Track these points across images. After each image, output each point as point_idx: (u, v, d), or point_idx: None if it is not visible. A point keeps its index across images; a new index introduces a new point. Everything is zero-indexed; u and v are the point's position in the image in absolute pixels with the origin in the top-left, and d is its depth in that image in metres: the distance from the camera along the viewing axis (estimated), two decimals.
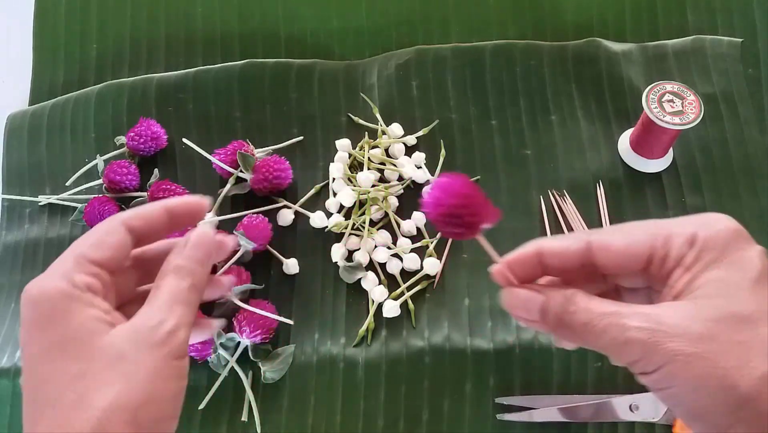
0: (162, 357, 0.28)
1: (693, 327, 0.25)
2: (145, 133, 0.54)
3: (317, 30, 0.61)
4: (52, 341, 0.27)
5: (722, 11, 0.59)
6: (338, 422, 0.47)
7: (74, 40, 0.63)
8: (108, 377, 0.27)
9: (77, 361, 0.27)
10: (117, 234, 0.30)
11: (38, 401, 0.27)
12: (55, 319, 0.27)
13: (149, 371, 0.27)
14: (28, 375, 0.27)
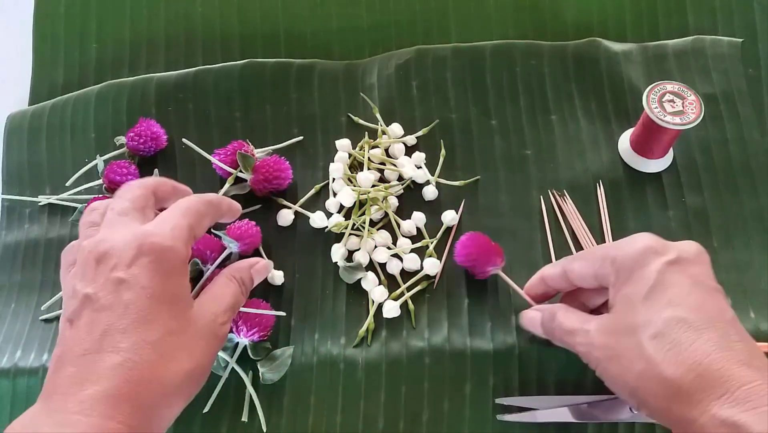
0: (217, 345, 0.37)
1: (605, 339, 0.36)
2: (144, 133, 0.54)
3: (317, 30, 0.61)
4: (166, 291, 0.34)
5: (722, 11, 0.59)
6: (338, 422, 0.47)
7: (74, 40, 0.63)
8: (194, 346, 0.35)
9: (175, 319, 0.34)
10: (209, 218, 0.40)
11: (140, 333, 0.32)
12: (173, 275, 0.35)
13: (210, 355, 0.37)
14: (136, 306, 0.33)
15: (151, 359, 0.32)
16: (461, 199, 0.53)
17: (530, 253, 0.51)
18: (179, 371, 0.33)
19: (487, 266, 0.48)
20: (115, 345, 0.31)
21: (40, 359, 0.50)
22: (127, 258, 0.33)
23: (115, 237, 0.35)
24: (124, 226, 0.36)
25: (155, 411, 0.32)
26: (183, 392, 0.34)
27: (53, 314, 0.52)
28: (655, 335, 0.33)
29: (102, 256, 0.34)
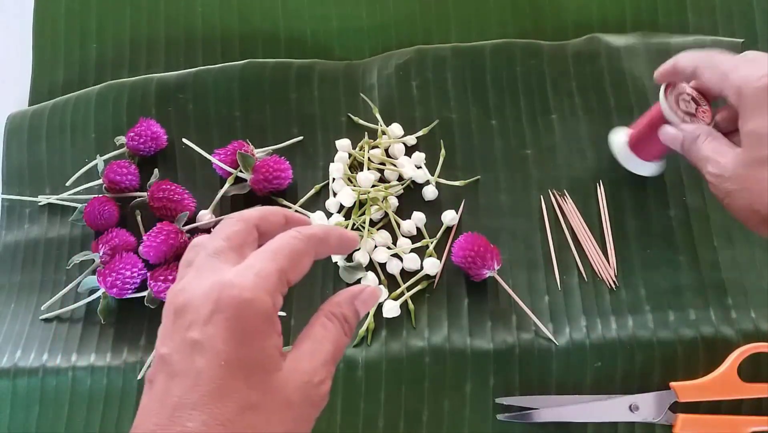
0: (314, 414, 0.29)
1: (737, 171, 0.39)
2: (144, 133, 0.54)
3: (317, 30, 0.61)
4: (244, 356, 0.27)
5: (722, 12, 0.59)
6: (338, 422, 0.47)
7: (74, 40, 0.63)
8: (279, 421, 0.27)
9: (256, 390, 0.27)
10: (309, 257, 0.32)
11: (210, 409, 0.26)
12: (253, 335, 0.28)
13: (307, 424, 0.29)
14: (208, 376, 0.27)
15: (239, 422, 0.26)
16: (461, 199, 0.53)
17: (530, 253, 0.51)
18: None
19: (482, 268, 0.48)
20: (183, 424, 0.26)
21: (40, 359, 0.50)
22: (204, 314, 0.28)
23: (195, 287, 0.29)
24: (212, 271, 0.29)
25: None
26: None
27: (53, 313, 0.52)
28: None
29: (180, 309, 0.29)
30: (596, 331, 0.48)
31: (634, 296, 0.49)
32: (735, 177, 0.39)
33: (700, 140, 0.42)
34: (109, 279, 0.49)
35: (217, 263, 0.30)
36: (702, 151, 0.41)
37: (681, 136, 0.43)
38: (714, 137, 0.42)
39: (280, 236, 0.32)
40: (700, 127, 0.43)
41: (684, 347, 0.47)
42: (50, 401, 0.49)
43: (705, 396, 0.46)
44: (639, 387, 0.47)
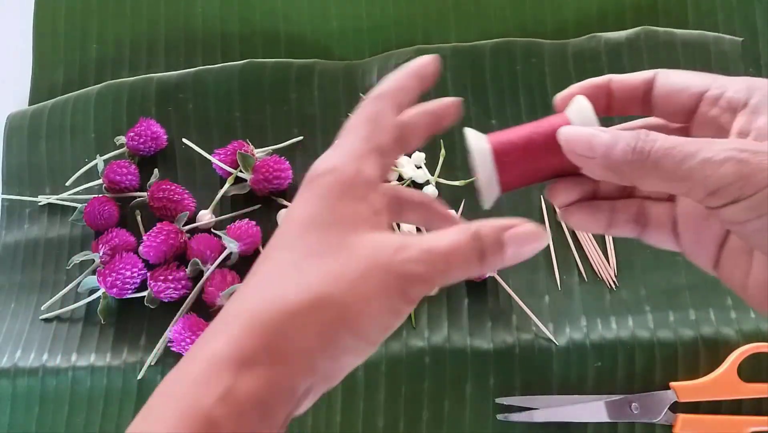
0: (389, 283, 0.26)
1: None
2: (144, 133, 0.54)
3: (317, 30, 0.61)
4: (316, 216, 0.27)
5: (723, 10, 0.59)
6: (338, 422, 0.47)
7: (74, 40, 0.63)
8: (336, 269, 0.26)
9: (322, 243, 0.26)
10: (391, 110, 0.30)
11: (274, 252, 0.27)
12: (327, 199, 0.27)
13: (371, 288, 0.25)
14: (287, 227, 0.28)
15: (279, 279, 0.26)
16: (461, 199, 0.53)
17: None
18: (306, 288, 0.25)
19: None
20: (256, 269, 0.27)
21: (40, 359, 0.50)
22: (301, 191, 0.29)
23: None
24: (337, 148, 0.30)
25: (285, 335, 0.25)
26: (315, 322, 0.25)
27: (53, 313, 0.52)
28: None
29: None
30: (596, 331, 0.48)
31: (634, 296, 0.49)
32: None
33: (658, 134, 0.26)
34: (109, 279, 0.49)
35: (345, 141, 0.30)
36: (680, 142, 0.25)
37: (607, 138, 0.27)
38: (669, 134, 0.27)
39: (369, 98, 0.31)
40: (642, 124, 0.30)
41: (684, 347, 0.47)
42: (50, 401, 0.49)
43: (705, 396, 0.46)
44: (639, 387, 0.47)
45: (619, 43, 0.56)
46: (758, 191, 0.23)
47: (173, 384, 0.25)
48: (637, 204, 0.30)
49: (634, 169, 0.26)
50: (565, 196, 0.30)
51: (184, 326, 0.47)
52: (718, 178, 0.24)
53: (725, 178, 0.24)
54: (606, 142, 0.27)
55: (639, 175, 0.26)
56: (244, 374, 0.24)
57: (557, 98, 0.30)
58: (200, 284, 0.49)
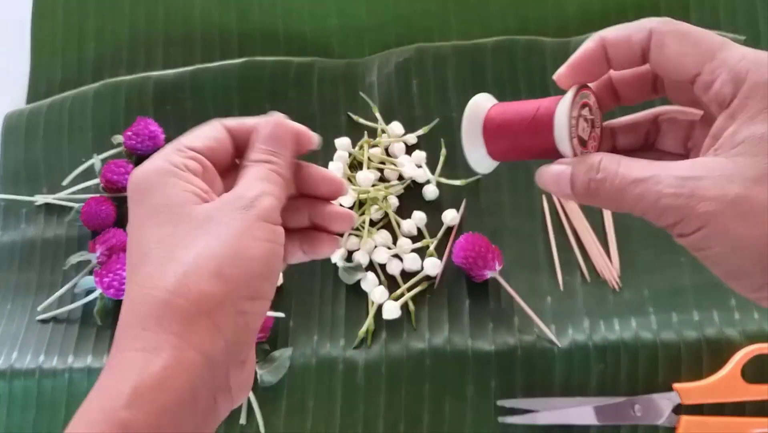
0: (249, 217, 0.28)
1: (730, 188, 0.24)
2: (142, 132, 0.54)
3: (316, 28, 0.60)
4: (149, 210, 0.28)
5: (725, 9, 0.59)
6: (338, 424, 0.47)
7: (72, 38, 0.62)
8: (195, 236, 0.27)
9: (168, 224, 0.28)
10: (213, 128, 0.33)
11: (133, 259, 0.28)
12: (152, 191, 0.29)
13: (236, 229, 0.28)
14: (129, 241, 0.29)
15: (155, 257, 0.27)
16: (462, 198, 0.52)
17: (532, 253, 0.51)
18: (178, 268, 0.26)
19: (483, 269, 0.47)
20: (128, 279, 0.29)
21: (37, 360, 0.50)
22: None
23: None
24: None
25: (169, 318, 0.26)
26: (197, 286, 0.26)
27: (49, 314, 0.52)
28: None
29: None
30: (599, 332, 0.47)
31: (637, 297, 0.49)
32: (723, 197, 0.24)
33: (614, 162, 0.27)
34: (106, 280, 0.48)
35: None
36: (632, 172, 0.26)
37: (569, 171, 0.28)
38: (628, 158, 0.27)
39: None
40: (598, 153, 0.28)
41: (687, 348, 0.47)
42: (47, 402, 0.49)
43: (708, 398, 0.46)
44: (642, 389, 0.47)
45: None
46: (695, 232, 0.25)
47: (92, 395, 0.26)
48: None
49: (597, 202, 0.28)
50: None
51: None
52: (663, 220, 0.25)
53: (667, 221, 0.25)
54: (567, 181, 0.28)
55: (603, 207, 0.29)
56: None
57: (555, 78, 0.30)
58: None
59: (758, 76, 0.25)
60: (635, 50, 0.29)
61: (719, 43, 0.27)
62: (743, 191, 0.24)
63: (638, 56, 0.29)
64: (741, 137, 0.25)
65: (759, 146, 0.25)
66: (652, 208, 0.25)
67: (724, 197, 0.24)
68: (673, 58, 0.27)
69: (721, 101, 0.26)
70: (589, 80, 0.30)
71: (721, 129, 0.26)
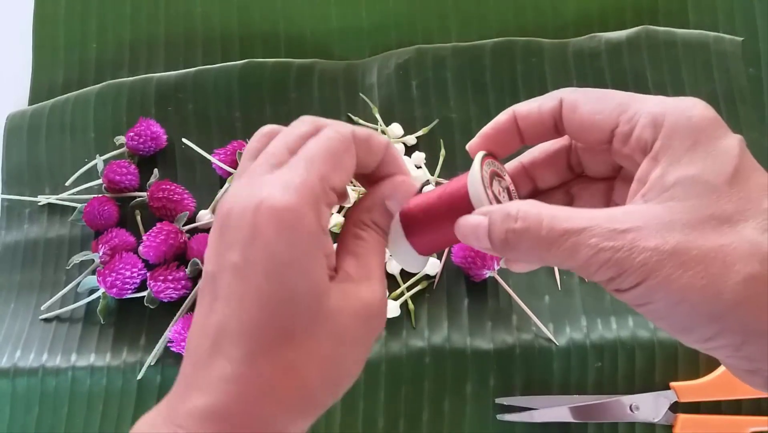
0: (372, 341, 0.26)
1: (670, 237, 0.23)
2: (144, 133, 0.54)
3: (317, 30, 0.61)
4: (288, 291, 0.24)
5: (723, 10, 0.59)
6: (338, 422, 0.47)
7: (74, 39, 0.63)
8: (326, 355, 0.25)
9: (303, 321, 0.24)
10: (350, 153, 0.27)
11: (252, 342, 0.24)
12: (298, 265, 0.24)
13: (358, 354, 0.26)
14: (249, 306, 0.24)
15: (267, 372, 0.24)
16: None
17: None
18: (303, 387, 0.25)
19: (482, 268, 0.48)
20: (228, 353, 0.24)
21: (40, 359, 0.50)
22: (245, 235, 0.24)
23: (239, 196, 0.25)
24: (259, 183, 0.25)
25: (272, 430, 0.25)
26: (309, 409, 0.25)
27: (53, 313, 0.52)
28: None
29: (223, 226, 0.25)
30: (596, 331, 0.48)
31: None
32: (662, 246, 0.23)
33: (543, 211, 0.24)
34: (108, 279, 0.49)
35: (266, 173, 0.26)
36: (560, 223, 0.24)
37: (486, 221, 0.26)
38: (551, 206, 0.25)
39: (314, 139, 0.26)
40: (519, 202, 0.25)
41: (684, 347, 0.47)
42: (50, 401, 0.49)
43: (705, 396, 0.46)
44: (639, 387, 0.47)
45: (619, 42, 0.56)
46: (635, 286, 0.23)
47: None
48: None
49: (517, 255, 0.26)
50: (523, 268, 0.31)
51: (184, 326, 0.47)
52: (599, 275, 0.23)
53: (604, 276, 0.23)
54: (485, 232, 0.26)
55: (522, 261, 0.27)
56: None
57: (468, 149, 0.29)
58: (200, 283, 0.49)
59: (677, 116, 0.24)
60: (546, 119, 0.28)
61: (630, 96, 0.26)
62: (682, 238, 0.23)
63: (550, 126, 0.28)
64: (671, 180, 0.24)
65: (692, 189, 0.24)
66: (586, 263, 0.23)
67: (663, 246, 0.23)
68: (587, 117, 0.27)
69: (642, 147, 0.25)
70: (502, 152, 0.29)
71: (646, 173, 0.25)
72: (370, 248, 0.27)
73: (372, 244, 0.28)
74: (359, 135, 0.27)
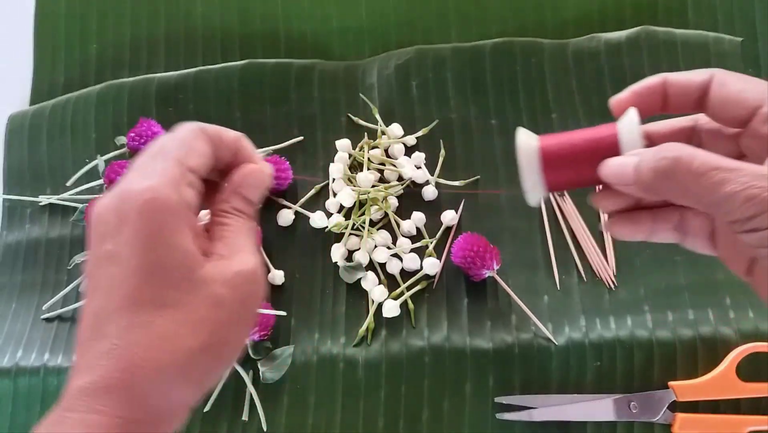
0: (251, 308, 0.28)
1: None
2: (145, 133, 0.55)
3: (317, 30, 0.61)
4: (155, 260, 0.26)
5: (723, 10, 0.59)
6: (338, 421, 0.48)
7: (75, 40, 0.63)
8: (203, 318, 0.26)
9: (175, 289, 0.26)
10: (199, 140, 0.29)
11: (127, 315, 0.26)
12: (164, 237, 0.26)
13: (237, 320, 0.28)
14: (122, 283, 0.26)
15: (143, 341, 0.26)
16: (461, 199, 0.53)
17: (529, 253, 0.51)
18: (179, 351, 0.26)
19: (481, 268, 0.48)
20: (106, 331, 0.26)
21: (42, 358, 0.50)
22: (113, 225, 0.27)
23: (102, 199, 0.28)
24: (122, 180, 0.28)
25: (154, 398, 0.26)
26: (190, 375, 0.27)
27: (54, 313, 0.52)
28: None
29: (94, 224, 0.28)
30: (595, 331, 0.48)
31: (633, 295, 0.49)
32: None
33: (687, 150, 0.27)
34: None
35: (127, 175, 0.28)
36: (711, 160, 0.26)
37: (636, 161, 0.28)
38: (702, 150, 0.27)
39: (166, 136, 0.30)
40: (676, 143, 0.27)
41: (683, 346, 0.47)
42: (51, 400, 0.49)
43: (704, 396, 0.46)
44: (638, 386, 0.47)
45: (619, 42, 0.56)
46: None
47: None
48: (678, 213, 0.31)
49: (665, 191, 0.27)
50: (609, 205, 0.31)
51: None
52: (741, 209, 0.25)
53: (747, 211, 0.25)
54: (631, 168, 0.28)
55: (670, 197, 0.28)
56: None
57: (613, 102, 0.31)
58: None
59: None
60: (694, 90, 0.30)
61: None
62: None
63: (694, 98, 0.30)
64: None
65: None
66: (732, 197, 0.25)
67: None
68: (734, 94, 0.28)
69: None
70: (643, 111, 0.31)
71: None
72: (236, 230, 0.30)
73: (237, 227, 0.30)
74: (209, 129, 0.30)
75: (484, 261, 0.48)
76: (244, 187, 0.31)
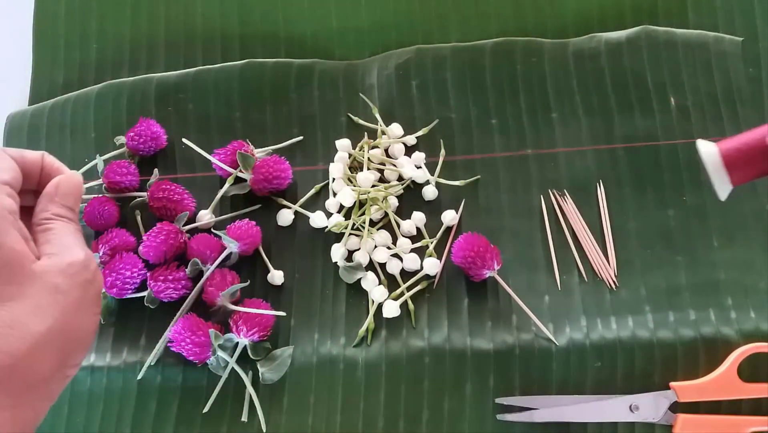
0: (92, 293, 0.32)
1: None
2: (144, 133, 0.54)
3: (317, 30, 0.61)
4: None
5: (723, 10, 0.59)
6: (338, 422, 0.48)
7: (74, 39, 0.63)
8: (44, 305, 0.29)
9: (11, 283, 0.29)
10: (5, 159, 0.33)
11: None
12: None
13: (82, 305, 0.31)
14: None
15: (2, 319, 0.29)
16: (461, 198, 0.53)
17: (530, 253, 0.51)
18: (27, 336, 0.29)
19: (482, 268, 0.48)
20: None
21: None
22: None
23: None
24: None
25: (13, 382, 0.29)
26: (44, 354, 0.29)
27: None
28: None
29: None
30: (596, 331, 0.48)
31: (634, 296, 0.49)
32: None
33: None
34: (108, 279, 0.49)
35: None
36: None
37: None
38: None
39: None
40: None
41: (684, 347, 0.47)
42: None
43: (705, 396, 0.46)
44: (639, 387, 0.47)
45: (619, 42, 0.56)
46: None
47: None
48: None
49: None
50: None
51: (184, 326, 0.47)
52: None
53: None
54: None
55: None
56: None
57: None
58: (200, 284, 0.49)
59: None
60: None
61: None
62: None
63: None
64: None
65: None
66: None
67: None
68: None
69: None
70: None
71: None
72: (61, 232, 0.33)
73: (61, 228, 0.34)
74: (9, 150, 0.35)
75: (484, 261, 0.48)
76: (60, 196, 0.35)
